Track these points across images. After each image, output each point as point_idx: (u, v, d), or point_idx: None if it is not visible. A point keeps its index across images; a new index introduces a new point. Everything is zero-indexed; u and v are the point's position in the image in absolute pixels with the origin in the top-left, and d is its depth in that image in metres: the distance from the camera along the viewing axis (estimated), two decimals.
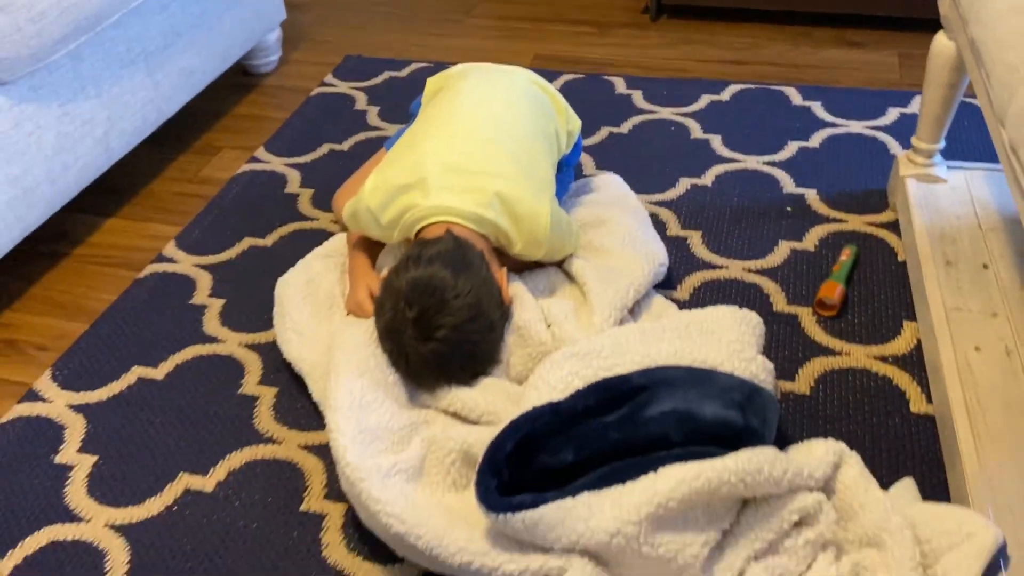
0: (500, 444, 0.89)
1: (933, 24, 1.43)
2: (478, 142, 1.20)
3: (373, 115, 1.86)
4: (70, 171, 1.46)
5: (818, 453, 0.97)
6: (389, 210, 1.17)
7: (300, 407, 1.20)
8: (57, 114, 1.42)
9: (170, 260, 1.48)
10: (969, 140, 1.64)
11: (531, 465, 0.91)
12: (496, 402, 1.05)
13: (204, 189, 1.67)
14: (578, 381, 0.98)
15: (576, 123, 1.41)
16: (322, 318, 1.22)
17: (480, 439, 0.97)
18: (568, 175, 1.44)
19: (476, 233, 1.15)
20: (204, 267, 1.47)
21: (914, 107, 1.76)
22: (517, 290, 1.18)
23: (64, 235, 1.57)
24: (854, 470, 0.97)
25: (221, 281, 1.43)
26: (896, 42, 2.01)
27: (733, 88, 1.87)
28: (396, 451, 1.00)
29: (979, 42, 1.04)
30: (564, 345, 1.10)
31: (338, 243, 1.38)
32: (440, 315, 1.04)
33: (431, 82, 1.42)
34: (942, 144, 1.41)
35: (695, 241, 1.46)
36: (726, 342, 1.04)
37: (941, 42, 1.30)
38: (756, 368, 1.02)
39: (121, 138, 1.56)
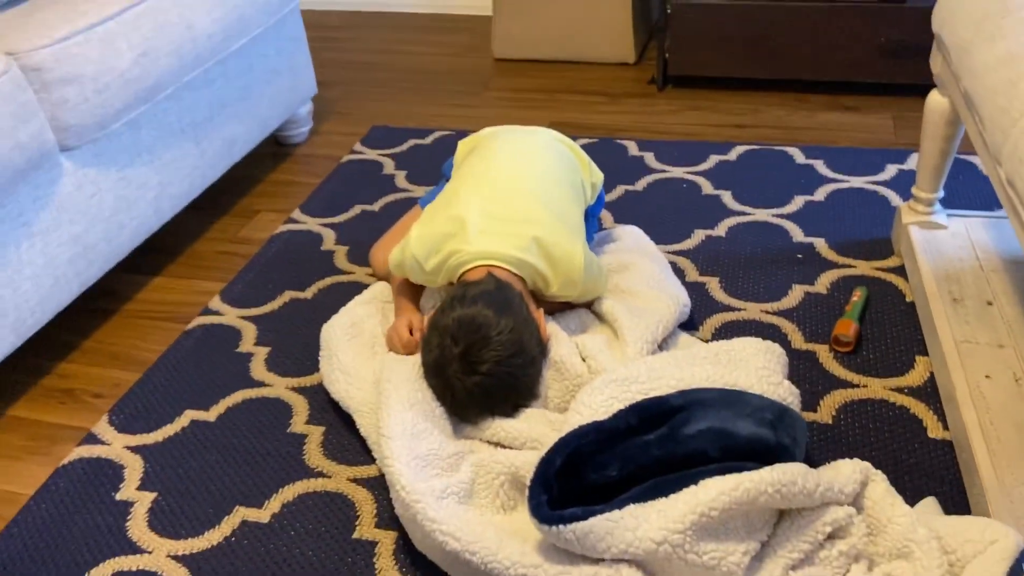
0: (550, 460, 0.95)
1: (923, 88, 1.55)
2: (514, 192, 1.30)
3: (401, 179, 1.97)
4: (125, 231, 1.55)
5: (846, 471, 1.03)
6: (433, 257, 1.26)
7: (347, 443, 1.26)
8: (116, 178, 1.52)
9: (216, 312, 1.57)
10: (965, 194, 1.75)
11: (578, 481, 0.97)
12: (538, 429, 1.11)
13: (244, 248, 1.76)
14: (618, 404, 1.05)
15: (599, 176, 1.51)
16: (367, 358, 1.30)
17: (527, 462, 1.04)
18: (593, 225, 1.53)
19: (515, 275, 1.23)
20: (248, 318, 1.55)
21: (911, 164, 1.87)
22: (552, 328, 1.26)
23: (114, 293, 1.65)
24: (880, 487, 1.03)
25: (265, 331, 1.51)
26: (889, 106, 2.14)
27: (739, 149, 1.99)
28: (447, 475, 1.06)
29: (972, 93, 1.14)
30: (600, 376, 1.17)
31: (377, 290, 1.47)
32: (485, 350, 1.11)
33: (463, 144, 1.53)
34: (941, 193, 1.51)
35: (713, 286, 1.54)
36: (754, 368, 1.11)
37: (935, 99, 1.41)
38: (783, 392, 1.09)
39: (170, 201, 1.67)
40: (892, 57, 2.09)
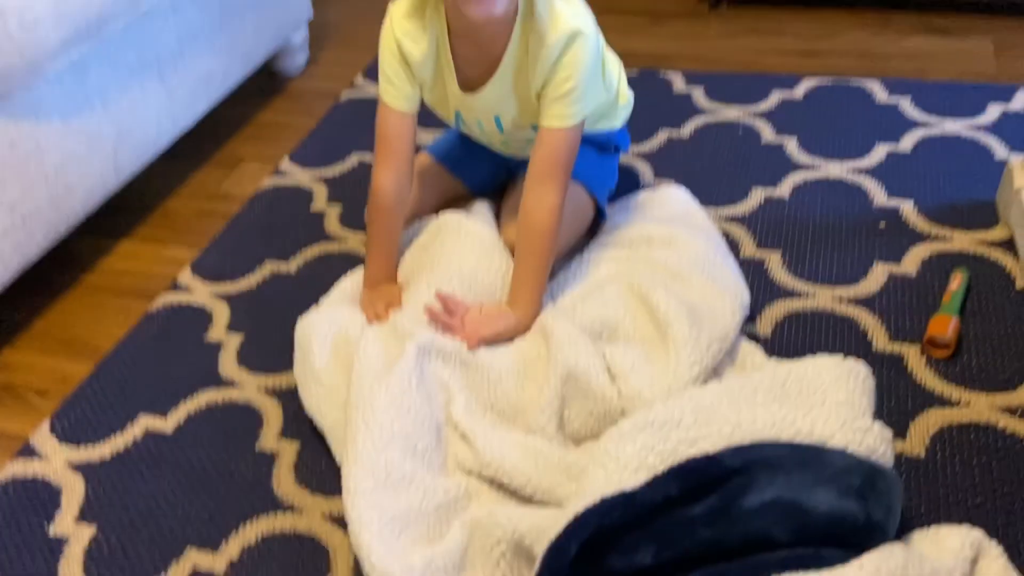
0: (562, 547, 0.72)
1: None
2: None
3: None
4: (75, 192, 1.32)
5: (952, 546, 0.79)
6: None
7: (324, 467, 1.04)
8: (60, 131, 1.28)
9: (185, 289, 1.34)
10: None
11: (598, 569, 0.74)
12: (549, 475, 0.88)
13: (224, 206, 1.53)
14: (654, 458, 0.80)
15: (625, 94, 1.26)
16: (346, 366, 1.06)
17: (534, 526, 0.81)
18: (612, 164, 1.28)
19: None
20: (222, 297, 1.32)
21: (1018, 103, 1.54)
22: (570, 330, 1.01)
23: (73, 259, 1.43)
24: (996, 564, 0.79)
25: (240, 313, 1.29)
26: (989, 28, 1.78)
27: (807, 83, 1.67)
28: (432, 538, 0.84)
29: None
30: (632, 402, 0.93)
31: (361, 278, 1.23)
32: None
33: None
34: None
35: (774, 263, 1.27)
36: (833, 404, 0.86)
37: None
38: (873, 440, 0.83)
39: (132, 153, 1.42)
40: None
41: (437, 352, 0.97)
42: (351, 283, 1.21)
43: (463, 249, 1.14)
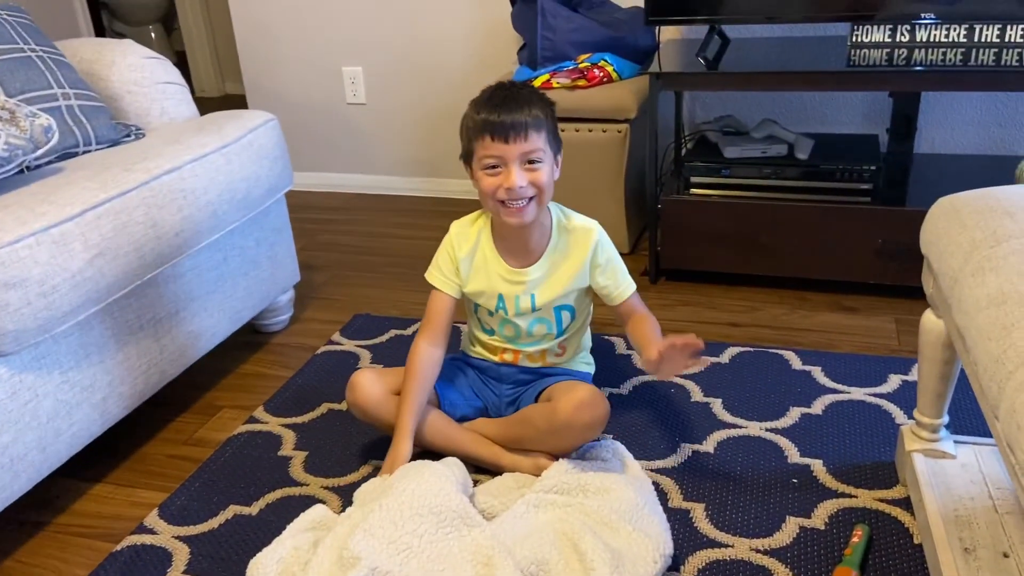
0: None
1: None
2: None
3: None
4: (62, 437, 1.45)
5: None
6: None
7: None
8: (57, 382, 1.43)
9: (150, 531, 1.43)
10: (973, 412, 1.61)
11: None
12: None
13: (197, 452, 1.65)
14: None
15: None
16: None
17: None
18: None
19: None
20: (183, 538, 1.41)
21: (915, 374, 1.74)
22: (507, 571, 1.11)
23: (48, 502, 1.53)
24: None
25: (199, 555, 1.37)
26: (891, 308, 2.04)
27: (732, 350, 1.88)
28: None
29: (963, 330, 1.04)
30: None
31: (316, 515, 1.34)
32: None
33: None
34: (946, 419, 1.37)
35: (698, 514, 1.39)
36: None
37: (931, 319, 1.31)
38: None
39: (120, 402, 1.57)
40: (891, 260, 2.02)
41: None
42: (301, 522, 1.32)
43: (419, 477, 1.28)
